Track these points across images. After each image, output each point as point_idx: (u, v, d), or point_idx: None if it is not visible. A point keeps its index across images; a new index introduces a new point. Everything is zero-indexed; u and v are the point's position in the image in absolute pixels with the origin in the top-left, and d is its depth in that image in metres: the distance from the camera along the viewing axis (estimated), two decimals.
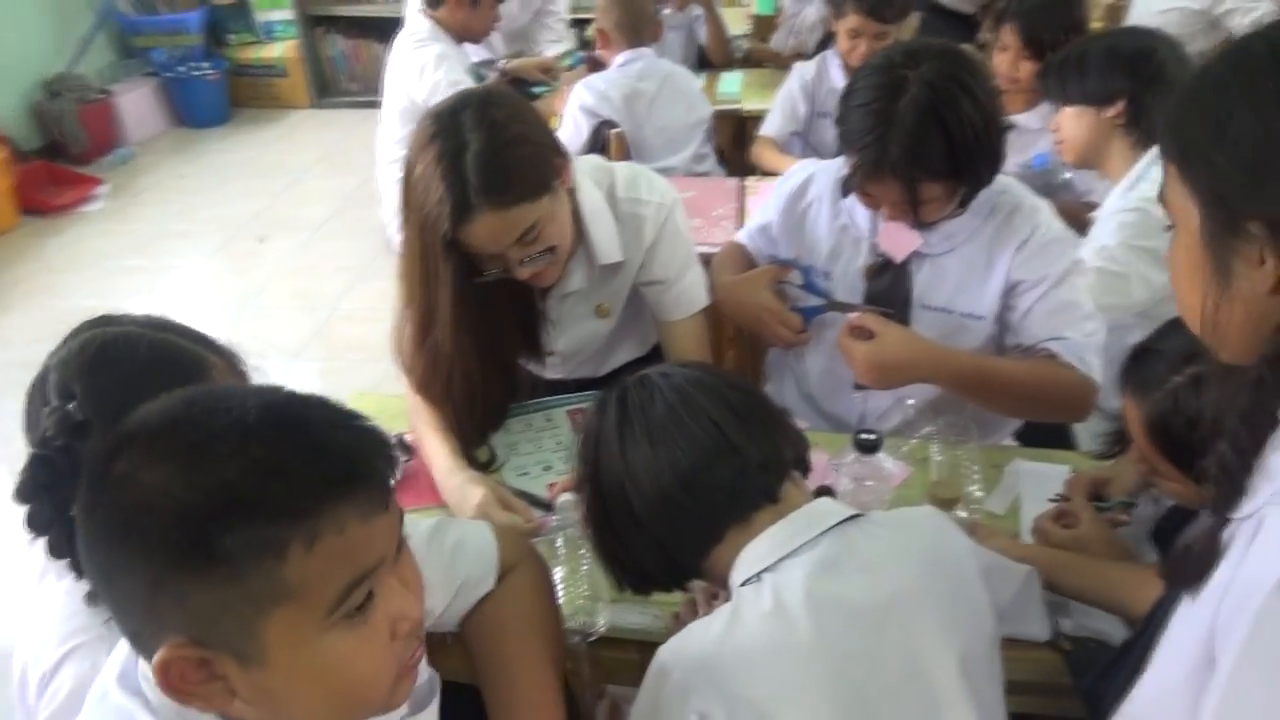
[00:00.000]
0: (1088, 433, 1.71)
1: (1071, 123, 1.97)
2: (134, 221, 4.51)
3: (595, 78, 2.81)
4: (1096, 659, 1.08)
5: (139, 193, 4.79)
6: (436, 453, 1.48)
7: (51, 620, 1.01)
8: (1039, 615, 1.14)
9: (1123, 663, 0.84)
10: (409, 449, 1.51)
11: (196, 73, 5.47)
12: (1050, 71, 2.05)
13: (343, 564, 0.71)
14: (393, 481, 0.77)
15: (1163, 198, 0.76)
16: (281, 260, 4.16)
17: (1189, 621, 0.70)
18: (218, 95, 5.62)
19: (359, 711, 0.80)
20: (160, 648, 0.69)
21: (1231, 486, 0.70)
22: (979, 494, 1.41)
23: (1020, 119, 2.56)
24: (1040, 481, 1.44)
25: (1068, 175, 2.40)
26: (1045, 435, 1.69)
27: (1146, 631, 0.88)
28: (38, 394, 1.01)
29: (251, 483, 0.68)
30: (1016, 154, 2.54)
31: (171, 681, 0.70)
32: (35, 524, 0.96)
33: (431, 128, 1.36)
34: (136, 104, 5.33)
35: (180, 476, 0.67)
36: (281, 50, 5.74)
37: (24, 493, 0.95)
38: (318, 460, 0.70)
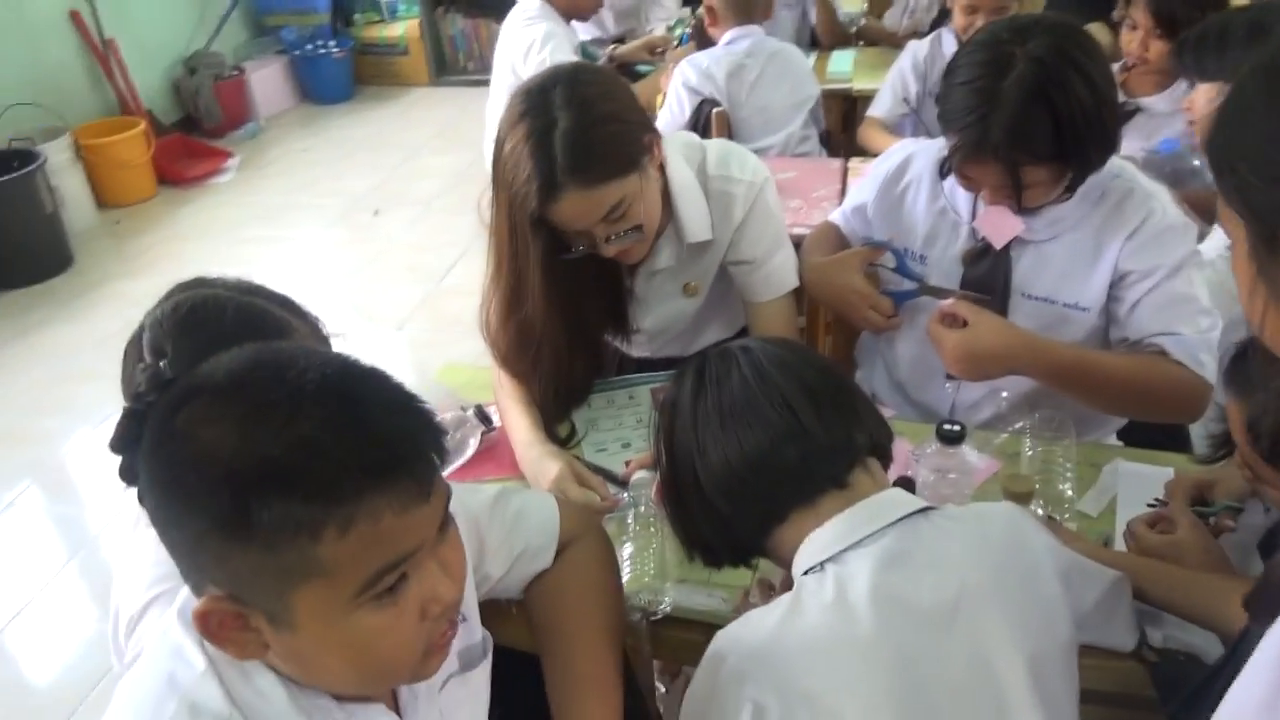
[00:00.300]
0: (1205, 434, 1.61)
1: (1208, 101, 1.85)
2: (259, 193, 4.71)
3: (700, 55, 2.79)
4: (1184, 674, 1.02)
5: (265, 166, 5.00)
6: (517, 425, 1.50)
7: (142, 566, 1.07)
8: (1125, 623, 1.08)
9: (1211, 687, 0.78)
10: (489, 419, 1.53)
11: (323, 51, 5.68)
12: (1187, 46, 1.92)
13: (376, 550, 0.71)
14: (444, 466, 0.77)
15: (1219, 212, 0.72)
16: (394, 233, 4.29)
17: (1266, 647, 0.65)
18: (343, 73, 5.82)
19: (385, 681, 0.82)
20: (202, 596, 0.72)
21: None
22: (1070, 494, 1.35)
23: (1149, 101, 2.43)
24: (1141, 484, 1.36)
25: (1197, 162, 2.25)
26: (1156, 435, 1.60)
27: (1236, 654, 0.82)
28: (133, 350, 1.06)
29: (295, 460, 0.68)
30: (1144, 139, 2.42)
31: (209, 628, 0.73)
32: (127, 474, 1.01)
33: (522, 105, 1.37)
34: (266, 80, 5.56)
35: (230, 441, 0.68)
36: (404, 29, 5.90)
37: (117, 444, 1.00)
38: (362, 447, 0.70)
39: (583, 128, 1.32)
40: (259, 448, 0.68)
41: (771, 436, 0.96)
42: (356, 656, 0.74)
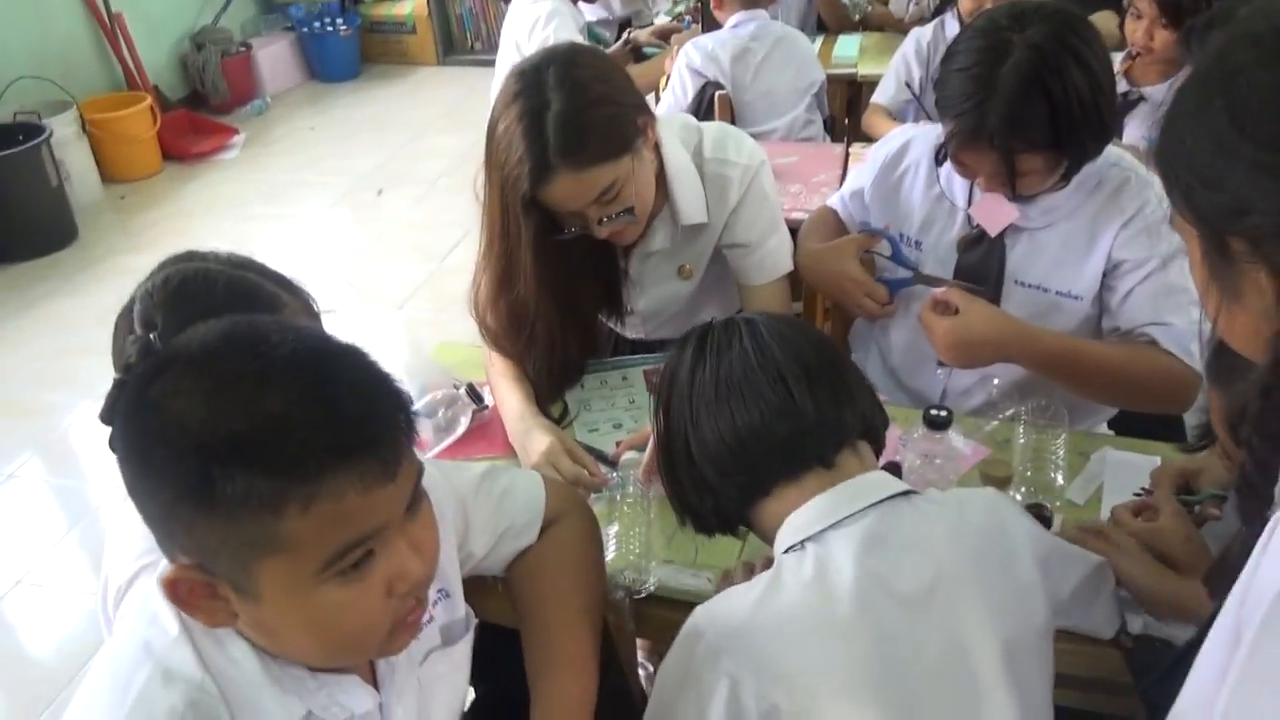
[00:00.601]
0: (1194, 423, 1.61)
1: None
2: (264, 170, 4.72)
3: (704, 38, 2.78)
4: (1159, 660, 1.02)
5: (271, 143, 5.00)
6: (508, 399, 1.50)
7: (131, 536, 1.07)
8: (1106, 610, 1.08)
9: (1181, 666, 0.80)
10: (480, 398, 1.54)
11: (331, 28, 5.67)
12: (1194, 35, 1.91)
13: (338, 528, 0.71)
14: (414, 446, 0.77)
15: (1172, 220, 0.74)
16: (398, 212, 4.29)
17: (1221, 622, 0.66)
18: (350, 51, 5.82)
19: (351, 656, 0.82)
20: (172, 565, 0.73)
21: (1255, 497, 0.67)
22: (1061, 482, 1.35)
23: (1153, 91, 2.41)
24: (1129, 473, 1.37)
25: None
26: (1151, 425, 1.59)
27: (1204, 634, 0.83)
28: (124, 322, 1.06)
29: (260, 435, 0.68)
30: (1148, 128, 2.40)
31: (179, 595, 0.74)
32: (116, 446, 1.03)
33: (515, 86, 1.37)
34: (274, 57, 5.56)
35: (199, 412, 0.69)
36: (412, 8, 5.89)
37: (106, 415, 1.01)
38: (327, 425, 0.70)
39: (575, 110, 1.32)
40: (226, 420, 0.68)
41: (763, 412, 0.96)
42: (321, 630, 0.75)
